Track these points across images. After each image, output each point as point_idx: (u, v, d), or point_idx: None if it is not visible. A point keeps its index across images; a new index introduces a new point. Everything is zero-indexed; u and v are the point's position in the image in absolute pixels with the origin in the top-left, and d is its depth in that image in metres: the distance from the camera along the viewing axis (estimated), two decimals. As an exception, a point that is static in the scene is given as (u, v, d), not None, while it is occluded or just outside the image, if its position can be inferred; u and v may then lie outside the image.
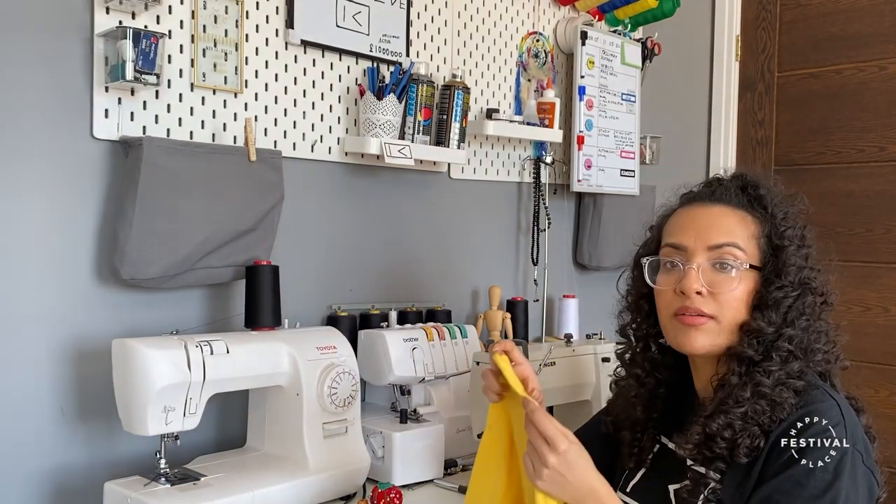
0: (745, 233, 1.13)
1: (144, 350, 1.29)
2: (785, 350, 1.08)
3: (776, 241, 1.13)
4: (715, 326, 1.11)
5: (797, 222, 1.16)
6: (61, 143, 1.42)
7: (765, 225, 1.14)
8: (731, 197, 1.17)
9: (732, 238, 1.12)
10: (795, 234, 1.14)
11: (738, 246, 1.12)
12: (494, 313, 2.12)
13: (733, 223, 1.14)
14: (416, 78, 1.86)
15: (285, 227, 1.70)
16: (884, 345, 2.28)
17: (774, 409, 1.04)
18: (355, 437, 1.55)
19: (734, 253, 1.11)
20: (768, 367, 1.07)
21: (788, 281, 1.10)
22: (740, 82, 2.56)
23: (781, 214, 1.14)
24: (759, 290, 1.11)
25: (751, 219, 1.14)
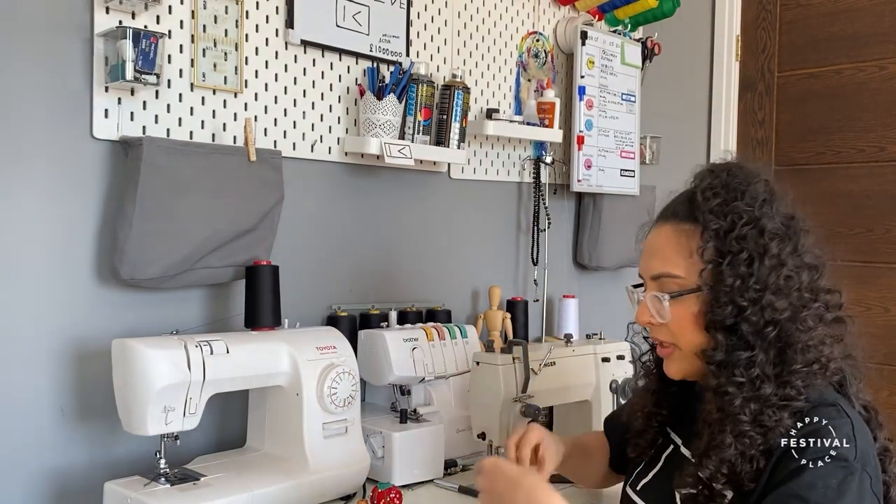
0: (683, 252, 1.04)
1: (144, 350, 1.29)
2: (745, 378, 0.98)
3: (715, 256, 1.01)
4: (679, 353, 1.08)
5: (762, 226, 1.01)
6: (61, 143, 1.42)
7: (707, 236, 1.02)
8: (679, 209, 1.07)
9: (666, 267, 1.06)
10: (747, 241, 1.00)
11: (671, 274, 1.05)
12: (494, 313, 2.12)
13: (672, 245, 1.06)
14: (416, 78, 1.86)
15: (285, 227, 1.70)
16: (884, 345, 2.28)
17: (768, 435, 0.98)
18: (355, 437, 1.55)
19: (668, 283, 1.05)
20: (739, 398, 0.98)
21: (727, 299, 1.00)
22: (740, 82, 2.56)
23: (728, 222, 1.01)
24: (704, 312, 1.02)
25: (695, 231, 1.03)
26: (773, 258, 0.99)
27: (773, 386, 0.98)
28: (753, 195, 1.02)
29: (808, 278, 1.02)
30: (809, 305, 1.01)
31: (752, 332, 0.99)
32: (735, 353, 0.99)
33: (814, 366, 0.99)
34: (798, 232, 1.04)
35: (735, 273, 0.99)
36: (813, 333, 1.00)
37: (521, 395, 1.52)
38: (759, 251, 0.99)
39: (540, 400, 1.54)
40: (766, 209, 1.02)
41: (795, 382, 0.98)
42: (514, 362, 1.53)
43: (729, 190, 1.03)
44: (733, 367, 0.99)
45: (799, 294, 1.00)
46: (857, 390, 1.06)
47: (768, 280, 0.99)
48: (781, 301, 0.99)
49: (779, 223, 1.02)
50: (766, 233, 1.00)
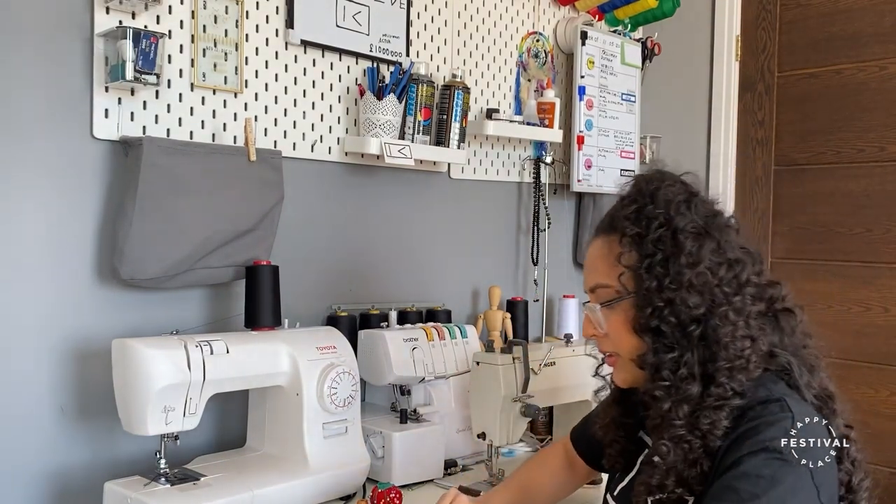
0: (609, 261, 1.06)
1: (144, 350, 1.29)
2: (672, 380, 0.99)
3: (634, 261, 1.03)
4: (621, 362, 1.10)
5: (675, 225, 1.01)
6: (61, 143, 1.42)
7: (625, 242, 1.04)
8: (604, 222, 1.11)
9: (596, 278, 1.09)
10: (662, 242, 1.01)
11: (601, 284, 1.08)
12: (494, 313, 2.12)
13: (599, 257, 1.09)
14: (416, 78, 1.86)
15: (285, 227, 1.70)
16: (884, 345, 2.28)
17: (707, 438, 0.97)
18: (355, 437, 1.55)
19: (600, 294, 1.08)
20: (668, 401, 0.99)
21: (646, 302, 1.01)
22: (740, 82, 2.56)
23: (643, 226, 1.03)
24: (633, 317, 1.04)
25: (615, 241, 1.06)
26: (688, 256, 1.00)
27: (701, 385, 0.99)
28: (667, 197, 1.03)
29: (729, 273, 1.01)
30: (730, 300, 1.00)
31: (674, 332, 1.00)
32: (662, 356, 1.00)
33: (737, 361, 0.98)
34: (720, 228, 1.04)
35: (652, 275, 1.00)
36: (734, 328, 0.99)
37: (521, 395, 1.52)
38: (673, 251, 1.00)
39: (540, 400, 1.54)
40: (682, 209, 1.02)
41: (721, 380, 0.98)
42: (514, 362, 1.53)
43: (644, 195, 1.05)
44: (661, 370, 1.00)
45: (718, 289, 1.00)
46: (809, 381, 1.04)
47: (682, 278, 0.99)
48: (695, 297, 0.98)
49: (695, 221, 1.02)
50: (679, 232, 1.01)
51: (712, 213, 1.05)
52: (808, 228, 2.43)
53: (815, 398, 1.04)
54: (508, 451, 1.83)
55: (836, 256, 2.38)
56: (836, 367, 1.13)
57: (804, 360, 1.06)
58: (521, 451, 1.87)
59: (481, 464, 1.70)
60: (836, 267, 2.37)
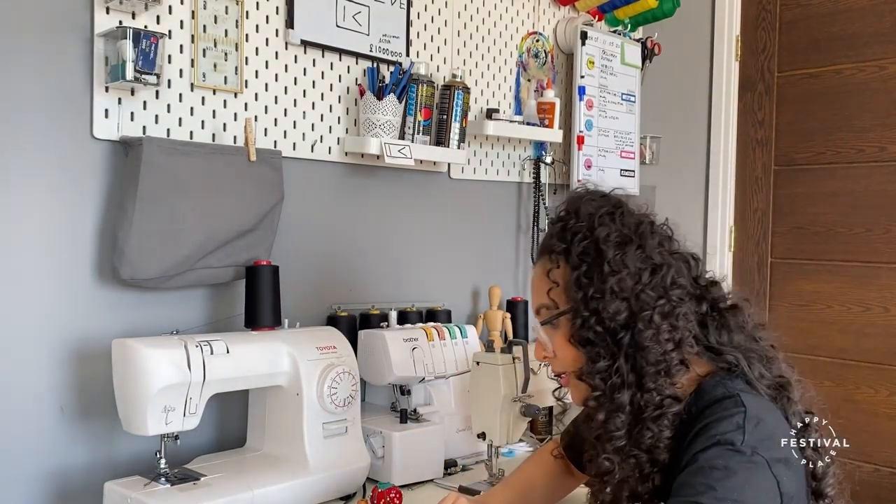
0: (545, 281, 1.10)
1: (144, 350, 1.29)
2: (604, 388, 1.01)
3: (562, 276, 1.07)
4: (571, 380, 1.11)
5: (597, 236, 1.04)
6: (61, 143, 1.42)
7: (553, 258, 1.08)
8: (541, 245, 1.14)
9: (536, 300, 1.12)
10: (586, 254, 1.04)
11: (541, 304, 1.11)
12: (494, 313, 2.12)
13: (537, 277, 1.12)
14: (416, 78, 1.86)
15: (285, 227, 1.70)
16: (884, 345, 2.28)
17: (653, 452, 0.98)
18: (355, 437, 1.55)
19: (542, 314, 1.12)
20: (602, 411, 1.01)
21: (575, 313, 1.04)
22: (740, 82, 2.56)
23: (567, 241, 1.06)
24: (568, 332, 1.07)
25: (548, 260, 1.10)
26: (610, 264, 1.02)
27: (631, 392, 0.99)
28: (589, 210, 1.06)
29: (654, 277, 1.02)
30: (654, 304, 1.00)
31: (604, 340, 1.01)
32: (595, 365, 1.02)
33: (661, 365, 0.99)
34: (645, 235, 1.05)
35: (579, 287, 1.03)
36: (657, 332, 0.99)
37: (521, 395, 1.52)
38: (596, 260, 1.03)
39: (540, 400, 1.54)
40: (605, 220, 1.05)
41: (648, 385, 0.99)
42: (514, 362, 1.53)
43: (570, 213, 1.08)
44: (593, 379, 1.02)
45: (643, 293, 1.01)
46: (762, 373, 1.04)
47: (605, 286, 1.01)
48: (617, 303, 1.00)
49: (618, 230, 1.04)
50: (601, 242, 1.03)
51: (637, 222, 1.07)
52: (808, 228, 2.43)
53: (768, 388, 1.04)
54: (508, 451, 1.83)
55: (836, 256, 2.38)
56: (837, 367, 1.12)
57: (757, 353, 1.06)
58: (521, 450, 1.87)
59: (481, 464, 1.69)
60: (836, 267, 2.38)
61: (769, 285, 2.50)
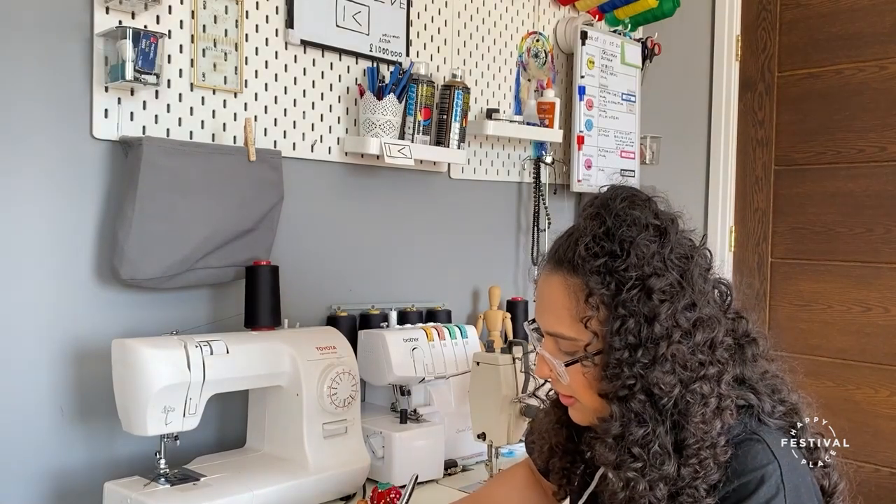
0: (573, 313, 0.95)
1: (144, 350, 1.29)
2: (645, 458, 0.90)
3: (601, 324, 0.93)
4: (581, 405, 1.00)
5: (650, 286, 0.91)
6: (61, 143, 1.42)
7: (592, 302, 0.93)
8: (565, 257, 0.97)
9: (558, 327, 0.97)
10: (634, 305, 0.91)
11: (564, 336, 0.97)
12: (494, 313, 2.12)
13: (562, 303, 0.96)
14: (416, 78, 1.86)
15: (285, 227, 1.70)
16: (884, 345, 2.28)
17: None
18: (355, 437, 1.55)
19: (562, 343, 0.98)
20: (643, 482, 0.90)
21: (615, 372, 0.91)
22: (740, 82, 2.55)
23: (613, 287, 0.92)
24: (598, 379, 0.94)
25: (581, 290, 0.94)
26: (664, 322, 0.90)
27: (675, 463, 0.90)
28: (641, 250, 0.92)
29: (704, 336, 0.92)
30: (706, 370, 0.91)
31: (645, 405, 0.91)
32: (630, 428, 0.91)
33: (705, 441, 0.90)
34: (694, 280, 0.94)
35: (623, 343, 0.90)
36: (705, 407, 0.91)
37: (521, 395, 1.52)
38: (648, 316, 0.90)
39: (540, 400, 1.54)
40: (657, 262, 0.92)
41: (691, 460, 0.90)
42: (514, 362, 1.53)
43: (614, 242, 0.93)
44: (630, 444, 0.91)
45: (693, 359, 0.91)
46: (773, 406, 0.99)
47: (657, 351, 0.90)
48: (671, 376, 0.89)
49: (672, 276, 0.92)
50: (654, 294, 0.90)
51: (687, 256, 0.95)
52: (808, 228, 2.42)
53: (779, 419, 0.99)
54: (508, 451, 1.83)
55: (836, 256, 2.37)
56: (836, 367, 1.11)
57: (765, 384, 1.01)
58: (521, 451, 1.87)
59: (481, 464, 1.69)
60: (836, 267, 2.37)
61: (769, 285, 2.50)
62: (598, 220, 0.97)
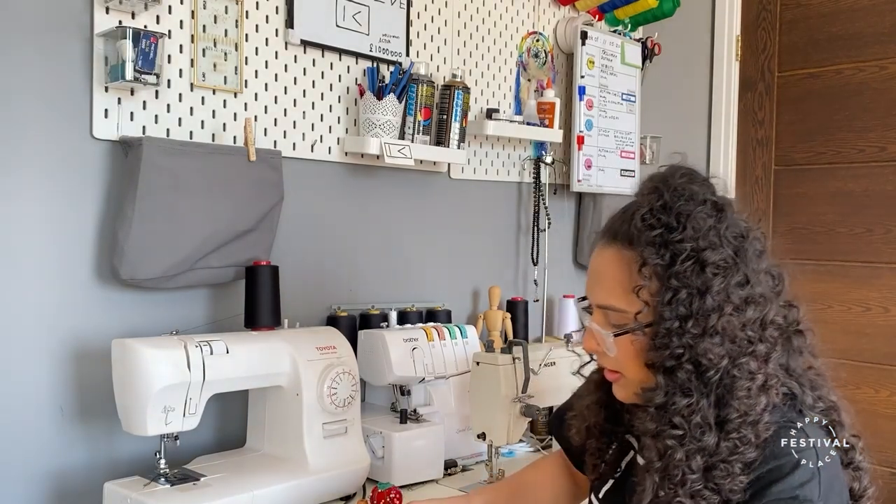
0: (625, 285, 0.96)
1: (144, 350, 1.29)
2: (686, 428, 0.91)
3: (654, 294, 0.94)
4: (627, 381, 1.01)
5: (704, 259, 0.92)
6: (61, 142, 1.42)
7: (646, 272, 0.94)
8: (620, 231, 0.98)
9: (609, 299, 0.98)
10: (688, 278, 0.92)
11: (614, 308, 0.98)
12: (494, 313, 2.12)
13: (614, 275, 0.98)
14: (416, 78, 1.86)
15: (285, 227, 1.70)
16: (884, 345, 2.28)
17: (722, 492, 0.91)
18: (355, 437, 1.55)
19: (612, 315, 0.99)
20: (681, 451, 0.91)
21: (664, 342, 0.92)
22: (740, 82, 2.56)
23: (668, 258, 0.93)
24: (646, 350, 0.95)
25: (635, 261, 0.95)
26: (716, 296, 0.91)
27: (716, 436, 0.91)
28: (697, 223, 0.93)
29: (755, 313, 0.94)
30: (755, 347, 0.93)
31: (691, 376, 0.92)
32: (674, 398, 0.92)
33: (749, 416, 0.92)
34: (748, 257, 0.95)
35: (674, 314, 0.92)
36: (752, 382, 0.92)
37: (521, 395, 1.52)
38: (700, 289, 0.92)
39: (540, 400, 1.54)
40: (712, 236, 0.93)
41: (732, 434, 0.91)
42: (514, 362, 1.53)
43: (671, 215, 0.94)
44: (672, 414, 0.92)
45: (743, 334, 0.92)
46: (814, 400, 1.00)
47: (707, 322, 0.91)
48: (720, 347, 0.91)
49: (726, 251, 0.93)
50: (708, 267, 0.92)
51: (742, 235, 0.97)
52: (808, 228, 2.42)
53: (820, 413, 1.00)
54: (508, 451, 1.83)
55: (836, 256, 2.37)
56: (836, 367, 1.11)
57: (808, 379, 1.02)
58: (521, 451, 1.87)
59: (481, 464, 1.70)
60: (836, 267, 2.37)
61: (769, 285, 2.50)
62: (657, 193, 0.97)
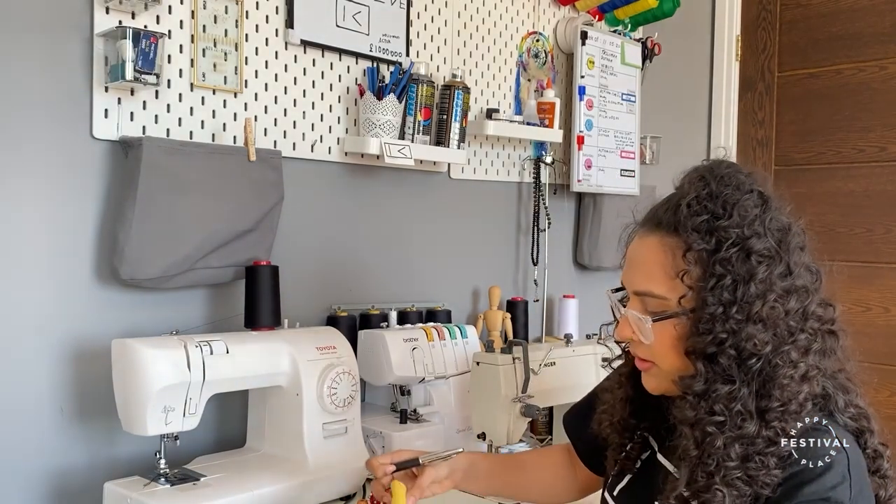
0: (668, 271, 0.96)
1: (144, 350, 1.29)
2: (726, 415, 0.91)
3: (698, 280, 0.94)
4: (658, 371, 1.01)
5: (749, 247, 0.93)
6: (61, 143, 1.42)
7: (690, 257, 0.94)
8: (664, 219, 0.98)
9: (649, 285, 0.98)
10: (733, 264, 0.92)
11: (655, 294, 0.97)
12: (494, 313, 2.12)
13: (656, 261, 0.97)
14: (416, 78, 1.86)
15: (285, 227, 1.70)
16: (884, 345, 2.28)
17: (755, 485, 0.91)
18: (355, 437, 1.55)
19: (651, 302, 0.98)
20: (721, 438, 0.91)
21: (707, 327, 0.92)
22: (740, 82, 2.56)
23: (713, 243, 0.93)
24: (686, 337, 0.95)
25: (679, 247, 0.95)
26: (760, 284, 0.92)
27: (756, 424, 0.91)
28: (743, 211, 0.94)
29: (797, 304, 0.94)
30: (796, 336, 0.93)
31: (733, 364, 0.92)
32: (715, 385, 0.92)
33: (791, 405, 0.92)
34: (791, 249, 0.96)
35: (717, 300, 0.92)
36: (794, 370, 0.92)
37: (521, 395, 1.52)
38: (744, 276, 0.92)
39: (540, 400, 1.54)
40: (758, 226, 0.94)
41: (773, 423, 0.91)
42: (514, 362, 1.53)
43: (717, 203, 0.95)
44: (713, 402, 0.92)
45: (784, 323, 0.93)
46: (846, 404, 1.00)
47: (751, 309, 0.91)
48: (763, 334, 0.91)
49: (770, 241, 0.94)
50: (753, 255, 0.92)
51: (785, 227, 0.97)
52: (808, 228, 2.42)
53: (850, 419, 1.00)
54: (508, 451, 1.83)
55: (836, 256, 2.35)
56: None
57: (839, 382, 1.02)
58: (520, 450, 1.87)
59: (481, 464, 1.69)
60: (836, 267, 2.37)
61: (769, 285, 2.50)
62: (703, 182, 0.98)
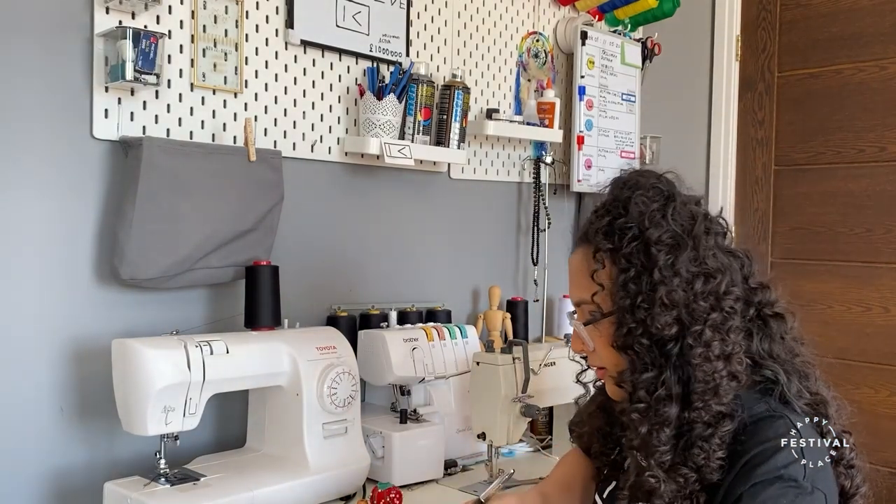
0: (587, 277, 1.02)
1: (144, 350, 1.29)
2: (648, 401, 0.94)
3: (607, 277, 0.99)
4: (608, 374, 1.06)
5: (647, 237, 0.96)
6: (61, 143, 1.42)
7: (599, 258, 1.00)
8: (584, 230, 1.05)
9: (579, 293, 1.05)
10: (634, 257, 0.96)
11: (583, 300, 1.04)
12: (494, 313, 2.12)
13: (581, 270, 1.04)
14: (416, 78, 1.86)
15: (285, 227, 1.70)
16: (884, 345, 2.28)
17: (702, 472, 0.93)
18: (355, 437, 1.55)
19: (583, 309, 1.05)
20: (645, 424, 0.94)
21: (620, 320, 0.97)
22: (740, 82, 2.56)
23: (615, 240, 0.98)
24: (612, 335, 1.00)
25: (591, 255, 1.02)
26: (661, 270, 0.94)
27: (677, 407, 0.94)
28: (642, 207, 0.97)
29: (706, 286, 0.95)
30: (708, 316, 0.94)
31: (650, 351, 0.95)
32: (639, 375, 0.96)
33: (709, 384, 0.93)
34: (698, 235, 0.97)
35: (626, 292, 0.96)
36: (707, 349, 0.93)
37: (521, 395, 1.52)
38: (646, 266, 0.95)
39: (540, 400, 1.54)
40: (657, 218, 0.97)
41: (696, 404, 0.93)
42: (514, 362, 1.53)
43: (618, 205, 1.00)
44: (636, 390, 0.96)
45: (694, 304, 0.94)
46: (800, 389, 1.00)
47: (655, 296, 0.94)
48: (666, 316, 0.93)
49: (672, 230, 0.96)
50: (653, 245, 0.95)
51: (692, 217, 0.99)
52: (808, 228, 2.43)
53: (806, 405, 1.00)
54: (508, 451, 1.83)
55: (836, 256, 2.38)
56: (836, 367, 1.11)
57: (795, 367, 1.02)
58: (521, 451, 1.87)
59: (481, 464, 1.69)
60: (836, 267, 2.37)
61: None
62: (610, 193, 1.04)
